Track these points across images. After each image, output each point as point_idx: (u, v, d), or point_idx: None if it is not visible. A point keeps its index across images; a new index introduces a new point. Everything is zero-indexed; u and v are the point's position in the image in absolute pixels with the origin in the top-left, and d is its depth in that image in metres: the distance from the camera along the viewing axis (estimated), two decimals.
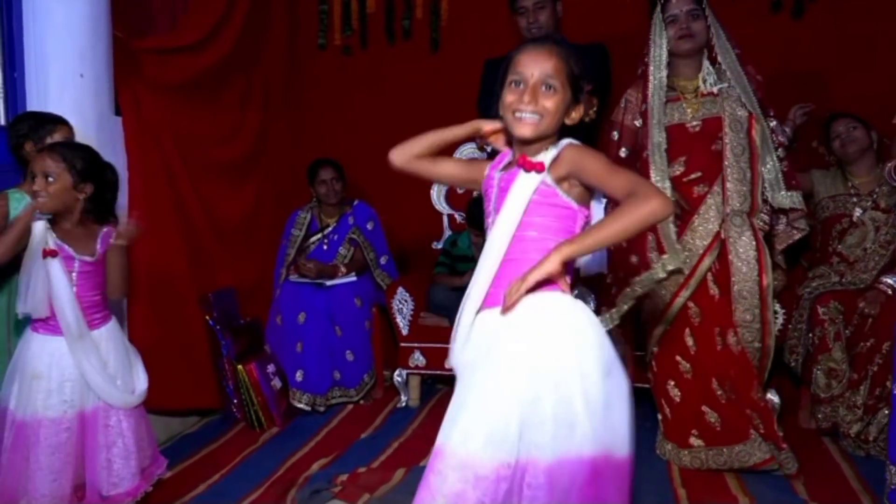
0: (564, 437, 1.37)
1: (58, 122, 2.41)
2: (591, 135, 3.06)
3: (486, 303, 1.50)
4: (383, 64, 4.11)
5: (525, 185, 1.49)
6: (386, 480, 2.54)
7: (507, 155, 1.61)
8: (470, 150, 3.74)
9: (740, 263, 2.52)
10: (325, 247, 3.69)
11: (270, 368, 3.30)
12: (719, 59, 2.61)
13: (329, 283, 3.51)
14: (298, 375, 3.35)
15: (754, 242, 2.52)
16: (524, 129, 1.50)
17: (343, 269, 3.60)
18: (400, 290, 3.49)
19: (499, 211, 1.52)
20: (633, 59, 2.71)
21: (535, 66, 1.49)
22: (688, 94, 2.63)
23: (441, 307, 3.44)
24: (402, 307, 3.48)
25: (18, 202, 2.32)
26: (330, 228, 3.72)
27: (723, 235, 2.55)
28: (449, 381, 3.54)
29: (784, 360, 3.06)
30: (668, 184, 2.57)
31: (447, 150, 1.82)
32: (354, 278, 3.58)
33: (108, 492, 2.17)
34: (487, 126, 1.66)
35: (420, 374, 3.48)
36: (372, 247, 3.69)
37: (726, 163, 2.55)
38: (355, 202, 3.78)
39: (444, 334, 3.35)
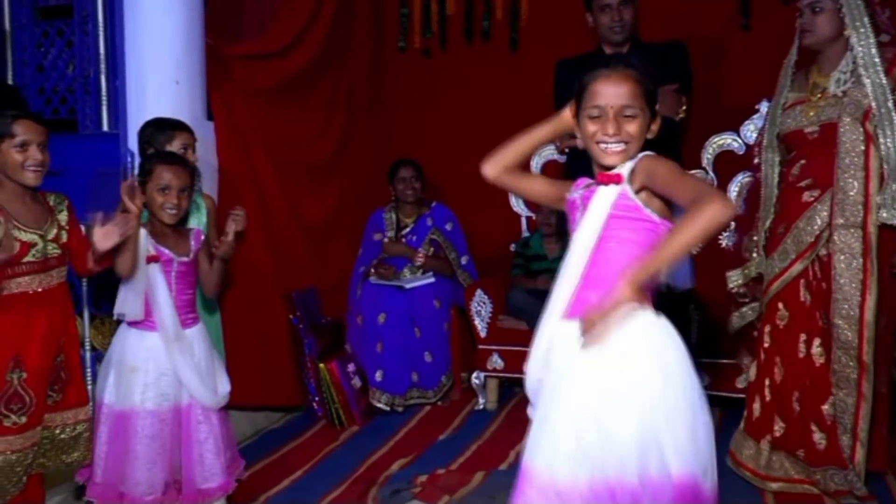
0: (649, 460, 1.35)
1: (177, 127, 2.50)
2: (682, 133, 3.00)
3: (568, 314, 1.49)
4: (462, 65, 4.12)
5: (604, 199, 1.49)
6: (465, 483, 2.54)
7: (585, 179, 1.61)
8: (549, 152, 3.71)
9: (843, 280, 2.35)
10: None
11: (351, 367, 3.36)
12: (854, 50, 2.38)
13: (409, 285, 3.55)
14: (378, 375, 3.40)
15: (861, 259, 2.34)
16: (612, 159, 1.50)
17: (422, 256, 3.63)
18: (478, 292, 3.49)
19: (579, 227, 1.52)
20: (716, 59, 2.63)
21: (613, 96, 1.49)
22: (815, 95, 2.47)
23: (519, 310, 3.42)
24: (481, 309, 3.48)
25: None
26: (408, 228, 3.76)
27: (825, 250, 2.40)
28: None
29: None
30: (774, 191, 2.52)
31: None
32: (433, 279, 3.60)
33: (202, 485, 2.26)
34: (570, 113, 1.62)
35: (498, 377, 3.47)
36: (453, 247, 3.73)
37: (839, 172, 2.37)
38: (433, 204, 3.81)
39: (523, 337, 3.37)
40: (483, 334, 3.47)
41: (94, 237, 2.00)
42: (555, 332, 1.51)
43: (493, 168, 1.67)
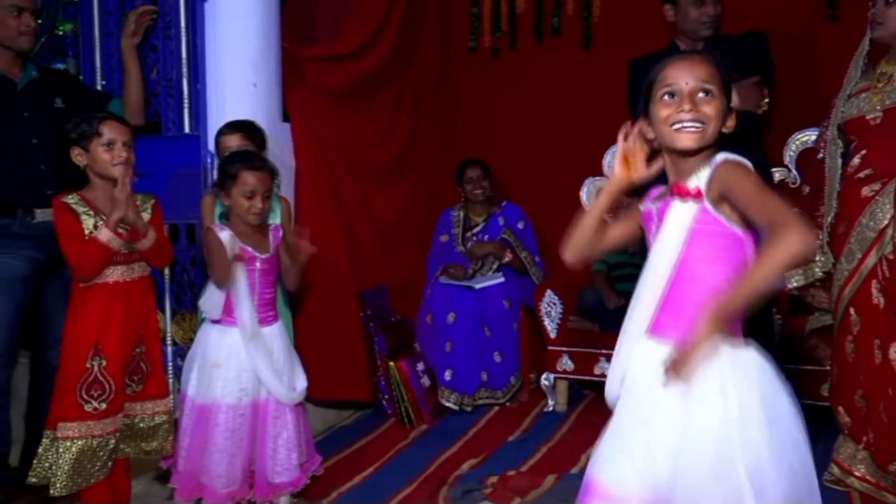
0: (725, 495, 1.28)
1: (227, 129, 2.57)
2: (764, 128, 2.88)
3: (650, 332, 1.44)
4: (532, 64, 4.08)
5: (681, 216, 1.39)
6: (536, 486, 2.51)
7: (659, 188, 1.52)
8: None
9: None
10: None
11: (420, 366, 3.37)
12: None
13: (478, 285, 3.54)
14: (447, 374, 3.40)
15: None
16: (686, 141, 1.39)
17: (509, 254, 3.63)
18: (548, 292, 3.45)
19: (656, 242, 1.45)
20: (801, 51, 2.50)
21: (689, 75, 1.39)
22: (881, 82, 2.37)
23: (591, 312, 3.36)
24: (551, 310, 3.44)
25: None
26: (478, 228, 3.75)
27: (890, 248, 2.26)
28: (597, 387, 3.47)
29: None
30: (836, 186, 2.39)
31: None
32: (503, 280, 3.58)
33: (273, 479, 2.30)
34: (622, 162, 1.50)
35: (568, 379, 3.43)
36: (524, 246, 3.70)
37: None
38: (504, 203, 3.79)
39: (594, 339, 3.34)
40: (553, 335, 3.42)
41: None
42: (634, 349, 1.45)
43: (573, 255, 1.58)
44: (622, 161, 1.48)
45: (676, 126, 1.39)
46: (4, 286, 2.40)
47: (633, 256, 3.51)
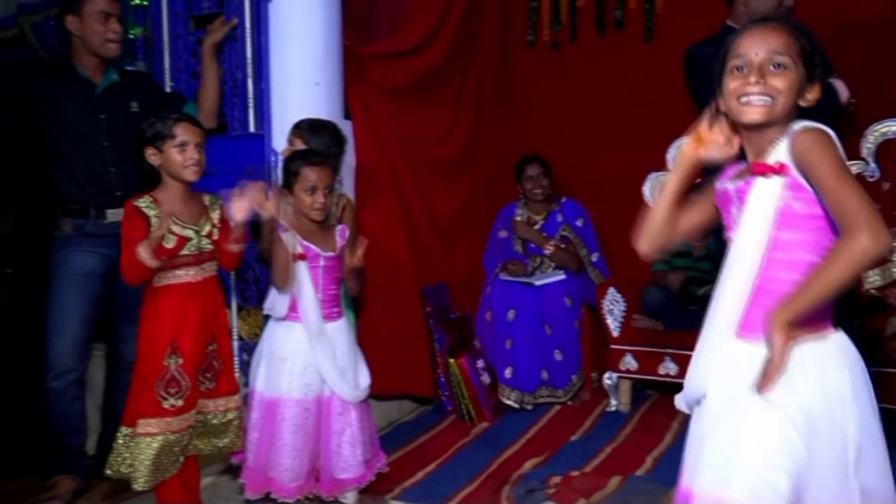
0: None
1: (304, 129, 2.59)
2: (849, 122, 2.76)
3: (739, 332, 1.33)
4: (593, 57, 4.01)
5: (766, 194, 1.30)
6: (601, 487, 2.47)
7: (736, 166, 1.42)
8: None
9: None
10: (533, 243, 3.69)
11: (480, 363, 3.36)
12: None
13: (539, 282, 3.50)
14: (508, 372, 3.38)
15: None
16: (753, 115, 1.30)
17: (552, 245, 3.58)
18: (611, 290, 3.39)
19: (739, 227, 1.35)
20: (880, 41, 2.38)
21: (760, 45, 1.30)
22: None
23: (656, 310, 3.29)
24: (613, 308, 3.38)
25: None
26: (538, 225, 3.71)
27: None
28: (661, 387, 3.40)
29: None
30: None
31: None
32: (564, 276, 3.53)
33: (338, 475, 2.33)
34: (695, 140, 1.42)
35: (631, 379, 3.36)
36: (584, 243, 3.65)
37: None
38: (563, 199, 3.74)
39: (659, 339, 3.27)
40: (616, 334, 3.36)
41: (231, 209, 2.11)
42: (720, 352, 1.35)
43: (648, 245, 1.50)
44: (695, 138, 1.41)
45: (744, 99, 1.32)
46: (81, 281, 2.49)
47: (696, 261, 3.42)
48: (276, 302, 2.31)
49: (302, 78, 2.83)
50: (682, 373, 2.12)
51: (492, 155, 3.96)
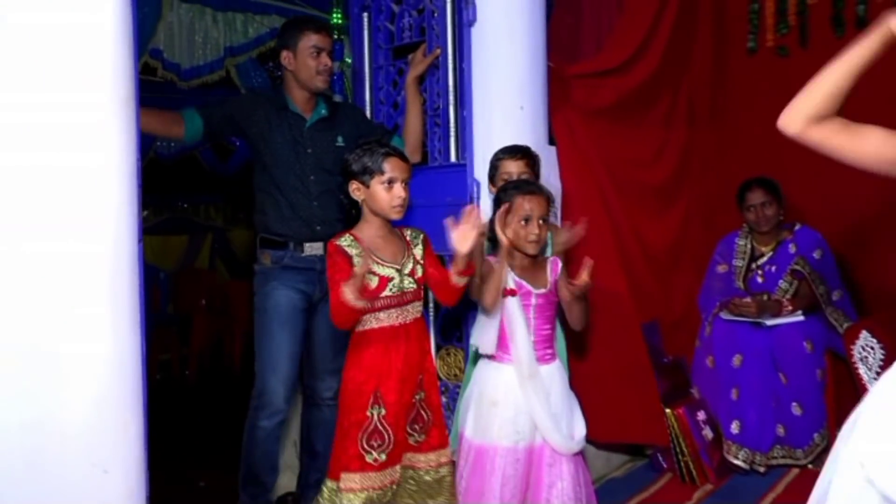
0: None
1: (507, 153, 2.43)
2: None
3: None
4: (827, 61, 3.48)
5: None
6: None
7: None
8: None
9: None
10: (759, 279, 3.22)
11: (701, 415, 2.96)
12: None
13: (770, 322, 3.03)
14: (734, 427, 2.94)
15: None
16: None
17: (789, 306, 3.08)
18: (864, 333, 2.84)
19: None
20: None
21: None
22: None
23: None
24: (867, 356, 2.83)
25: None
26: (765, 258, 3.24)
27: None
28: None
29: None
30: None
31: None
32: (802, 318, 3.04)
33: None
34: None
35: None
36: (822, 279, 3.11)
37: None
38: (797, 227, 3.23)
39: None
40: (870, 386, 2.81)
41: (453, 240, 1.95)
42: None
43: (795, 119, 1.21)
44: None
45: None
46: (287, 318, 2.46)
47: None
48: (483, 335, 2.14)
49: (506, 103, 2.67)
50: None
51: (708, 178, 3.58)
